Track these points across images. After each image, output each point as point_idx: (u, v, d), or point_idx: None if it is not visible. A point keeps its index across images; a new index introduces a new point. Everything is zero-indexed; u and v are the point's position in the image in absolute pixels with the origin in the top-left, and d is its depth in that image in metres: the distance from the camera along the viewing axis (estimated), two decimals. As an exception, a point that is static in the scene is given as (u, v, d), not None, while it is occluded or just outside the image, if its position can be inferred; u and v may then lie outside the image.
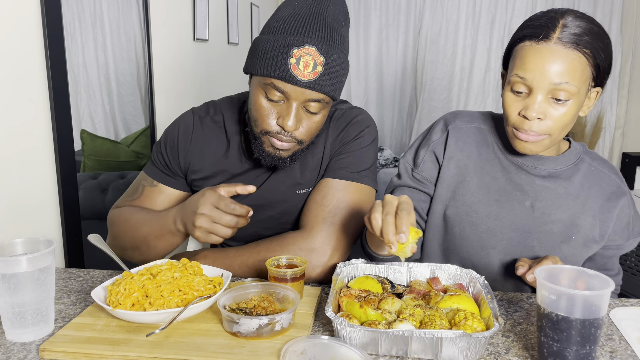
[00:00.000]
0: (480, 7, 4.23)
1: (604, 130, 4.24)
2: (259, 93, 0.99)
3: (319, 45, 0.95)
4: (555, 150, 1.10)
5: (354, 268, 1.02)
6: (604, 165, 1.11)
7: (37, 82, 1.25)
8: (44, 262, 0.84)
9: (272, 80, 0.96)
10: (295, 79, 0.94)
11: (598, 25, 0.96)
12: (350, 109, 1.18)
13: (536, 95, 0.95)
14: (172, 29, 2.12)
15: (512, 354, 0.82)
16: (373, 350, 0.81)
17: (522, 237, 1.08)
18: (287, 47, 0.94)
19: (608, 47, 0.96)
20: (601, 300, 0.73)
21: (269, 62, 0.95)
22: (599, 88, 0.99)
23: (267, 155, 1.04)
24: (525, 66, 0.95)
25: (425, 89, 4.43)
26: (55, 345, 0.81)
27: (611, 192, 1.08)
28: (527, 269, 0.95)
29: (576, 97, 0.95)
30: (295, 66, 0.94)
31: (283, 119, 0.98)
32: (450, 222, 1.12)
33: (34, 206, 1.26)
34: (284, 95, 0.97)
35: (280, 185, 1.15)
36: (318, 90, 0.96)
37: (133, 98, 1.85)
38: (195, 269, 0.97)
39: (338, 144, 1.13)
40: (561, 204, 1.07)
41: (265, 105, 0.99)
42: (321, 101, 0.99)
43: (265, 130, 1.01)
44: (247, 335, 0.83)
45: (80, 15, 1.50)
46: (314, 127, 1.02)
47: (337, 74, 0.98)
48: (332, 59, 0.97)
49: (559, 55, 0.92)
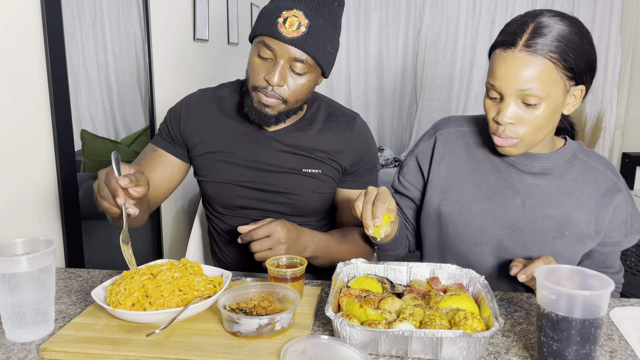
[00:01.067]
0: (480, 7, 4.23)
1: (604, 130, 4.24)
2: (254, 52, 1.11)
3: (307, 10, 1.06)
4: (548, 147, 1.11)
5: (354, 268, 1.02)
6: (600, 162, 1.12)
7: (37, 82, 1.25)
8: (44, 262, 0.84)
9: (263, 37, 1.08)
10: (279, 35, 1.05)
11: (573, 25, 0.97)
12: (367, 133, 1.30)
13: (507, 101, 0.98)
14: (172, 29, 2.11)
15: (512, 354, 0.82)
16: (373, 350, 0.81)
17: (514, 234, 1.09)
18: (279, 9, 1.06)
19: (582, 47, 0.96)
20: (601, 300, 0.73)
21: (262, 22, 1.08)
22: (583, 86, 1.00)
23: (254, 110, 1.13)
24: (494, 74, 0.99)
25: (425, 89, 4.43)
26: (55, 345, 0.81)
27: (607, 189, 1.08)
28: (520, 269, 0.95)
29: (546, 100, 0.96)
30: (282, 24, 1.05)
31: (269, 75, 1.08)
32: (444, 221, 1.15)
33: (34, 206, 1.26)
34: (272, 52, 1.07)
35: (287, 154, 1.22)
36: (300, 48, 1.06)
37: (133, 98, 1.85)
38: (195, 268, 0.97)
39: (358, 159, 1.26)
40: (553, 201, 1.08)
41: (257, 62, 1.10)
42: (304, 62, 1.08)
43: (255, 85, 1.11)
44: (247, 335, 0.83)
45: (80, 15, 1.50)
46: (299, 89, 1.11)
47: (320, 38, 1.08)
48: (317, 24, 1.07)
49: (523, 62, 0.95)
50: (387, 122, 4.63)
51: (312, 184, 1.23)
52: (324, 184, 1.24)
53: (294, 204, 1.24)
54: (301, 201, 1.24)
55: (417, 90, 4.50)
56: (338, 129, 1.25)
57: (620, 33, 4.08)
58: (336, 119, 1.26)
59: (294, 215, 1.25)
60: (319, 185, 1.24)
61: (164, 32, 2.01)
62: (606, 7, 4.06)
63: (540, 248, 1.08)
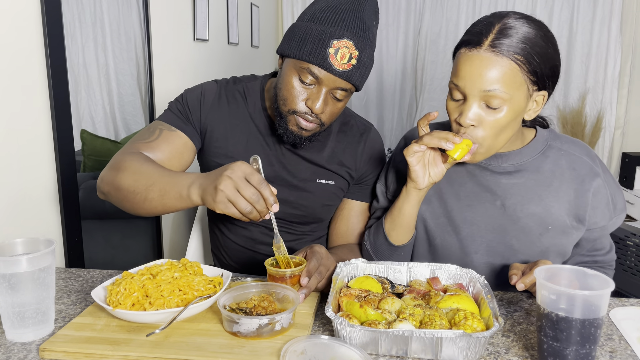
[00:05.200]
0: (480, 7, 4.22)
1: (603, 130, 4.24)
2: (293, 74, 1.06)
3: (356, 40, 1.03)
4: (519, 143, 1.09)
5: (354, 268, 1.02)
6: (575, 147, 1.10)
7: (37, 82, 1.25)
8: (44, 262, 0.84)
9: (309, 65, 1.03)
10: (331, 68, 1.02)
11: (538, 29, 0.96)
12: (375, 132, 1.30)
13: (470, 102, 0.96)
14: (172, 29, 2.11)
15: (512, 354, 0.82)
16: (373, 350, 0.81)
17: (500, 237, 1.09)
18: (328, 37, 1.02)
19: (547, 51, 0.96)
20: (601, 300, 0.73)
21: (309, 48, 1.03)
22: (545, 92, 0.99)
23: (290, 133, 1.11)
24: (458, 73, 0.97)
25: (425, 89, 4.43)
26: (55, 345, 0.81)
27: (584, 175, 1.07)
28: (519, 277, 0.95)
29: (509, 103, 0.95)
30: (333, 56, 1.02)
31: (312, 102, 1.06)
32: (431, 234, 1.14)
33: (34, 206, 1.26)
34: (317, 80, 1.04)
35: (301, 164, 1.20)
36: (349, 81, 1.05)
37: (133, 98, 1.85)
38: (195, 268, 0.97)
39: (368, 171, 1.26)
40: (532, 197, 1.07)
41: (297, 87, 1.06)
42: (347, 90, 1.07)
43: (294, 110, 1.08)
44: (247, 335, 0.83)
45: (80, 15, 1.50)
46: (336, 112, 1.11)
47: (366, 68, 1.07)
48: (365, 55, 1.05)
49: (488, 63, 0.93)
50: (387, 122, 4.63)
51: (324, 195, 1.22)
52: (334, 195, 1.24)
53: (303, 215, 1.23)
54: (311, 212, 1.23)
55: (417, 90, 4.49)
56: (352, 140, 1.24)
57: (620, 33, 4.08)
58: (350, 129, 1.25)
59: (299, 223, 1.25)
60: (330, 197, 1.23)
61: (164, 32, 2.01)
62: (606, 7, 4.06)
63: (527, 247, 1.07)
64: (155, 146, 1.12)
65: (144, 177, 1.00)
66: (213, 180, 0.89)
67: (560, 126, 4.33)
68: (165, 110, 1.21)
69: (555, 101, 4.32)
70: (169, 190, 0.96)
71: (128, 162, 1.04)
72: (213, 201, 0.88)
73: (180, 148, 1.15)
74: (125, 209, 1.04)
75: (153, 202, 0.98)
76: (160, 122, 1.17)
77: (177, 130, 1.16)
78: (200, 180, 0.93)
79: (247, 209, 0.87)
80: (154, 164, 1.05)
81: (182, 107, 1.19)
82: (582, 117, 4.23)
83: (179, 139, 1.15)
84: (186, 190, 0.93)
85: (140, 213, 1.03)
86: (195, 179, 0.94)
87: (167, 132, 1.15)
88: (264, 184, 0.88)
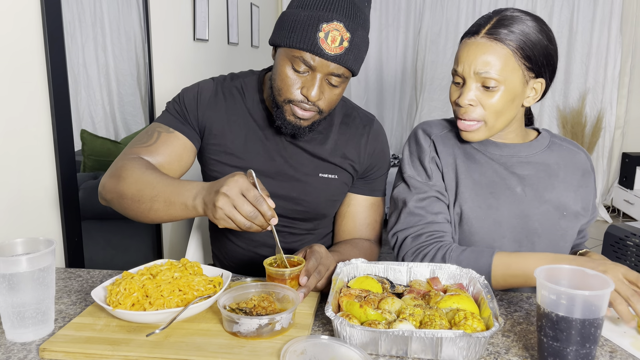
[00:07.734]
0: (480, 7, 4.23)
1: (603, 130, 4.24)
2: (285, 64, 1.04)
3: (346, 21, 1.00)
4: (521, 138, 1.18)
5: (354, 268, 1.02)
6: (572, 144, 1.22)
7: (37, 82, 1.25)
8: (44, 262, 0.84)
9: (300, 52, 1.01)
10: (322, 52, 1.00)
11: (534, 20, 1.05)
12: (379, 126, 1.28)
13: (468, 85, 1.06)
14: (172, 29, 2.12)
15: (512, 354, 0.82)
16: (373, 350, 0.81)
17: (524, 222, 1.12)
18: (317, 21, 0.99)
19: (540, 40, 1.04)
20: (601, 300, 0.73)
21: (299, 35, 1.00)
22: (542, 79, 1.08)
23: (288, 124, 1.09)
24: (458, 60, 1.08)
25: (425, 89, 4.44)
26: (55, 345, 0.81)
27: (584, 169, 1.19)
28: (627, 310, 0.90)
29: (505, 84, 1.04)
30: (324, 40, 0.99)
31: (307, 89, 1.04)
32: (459, 223, 1.14)
33: (34, 206, 1.26)
34: (310, 67, 1.02)
35: (303, 157, 1.19)
36: (342, 65, 1.02)
37: (133, 98, 1.85)
38: (195, 269, 0.97)
39: (372, 164, 1.24)
40: (546, 185, 1.14)
41: (291, 76, 1.04)
42: (342, 75, 1.04)
43: (289, 99, 1.06)
44: (247, 335, 0.83)
45: (80, 15, 1.50)
46: (334, 99, 1.08)
47: (360, 50, 1.04)
48: (357, 36, 1.02)
49: (483, 47, 1.04)
50: (387, 122, 4.63)
51: (327, 190, 1.20)
52: (338, 190, 1.22)
53: (306, 210, 1.21)
54: (314, 208, 1.21)
55: (417, 90, 4.50)
56: (355, 132, 1.22)
57: (620, 33, 4.08)
58: (353, 121, 1.23)
59: (301, 220, 1.23)
60: (334, 192, 1.22)
61: (164, 32, 2.01)
62: (606, 7, 4.06)
63: (549, 231, 1.12)
64: (155, 150, 1.11)
65: (148, 186, 1.00)
66: (212, 196, 0.90)
67: (560, 126, 4.34)
68: (163, 112, 1.20)
69: (555, 101, 4.32)
70: (174, 201, 0.96)
71: (129, 170, 1.03)
72: (214, 217, 0.90)
73: (180, 150, 1.15)
74: (129, 216, 1.04)
75: (159, 212, 0.99)
76: (158, 125, 1.16)
77: (175, 132, 1.15)
78: (202, 193, 0.93)
79: (247, 225, 0.88)
80: (156, 171, 1.05)
81: (180, 107, 1.18)
82: (582, 117, 4.23)
83: (177, 141, 1.15)
84: (192, 202, 0.94)
85: (145, 221, 1.03)
86: (199, 191, 0.94)
87: (166, 134, 1.14)
88: (260, 199, 0.88)
